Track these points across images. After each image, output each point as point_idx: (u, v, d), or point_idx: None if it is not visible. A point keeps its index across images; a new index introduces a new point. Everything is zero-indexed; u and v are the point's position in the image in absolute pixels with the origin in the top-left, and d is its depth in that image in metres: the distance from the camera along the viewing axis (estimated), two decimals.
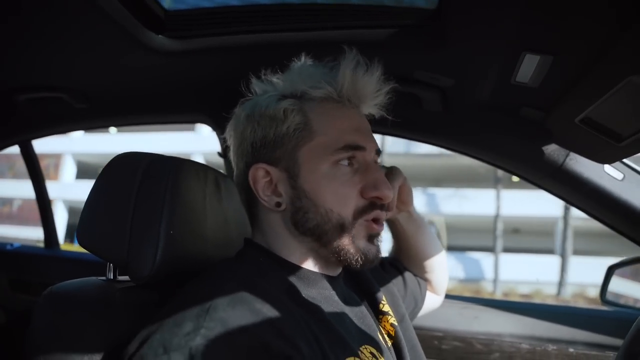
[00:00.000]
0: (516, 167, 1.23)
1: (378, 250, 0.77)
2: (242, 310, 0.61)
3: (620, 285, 1.51)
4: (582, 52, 0.77)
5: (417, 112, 1.16)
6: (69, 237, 15.41)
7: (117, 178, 0.78)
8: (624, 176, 1.08)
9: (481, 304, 1.46)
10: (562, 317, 1.40)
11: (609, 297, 1.50)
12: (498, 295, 12.85)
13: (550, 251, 14.80)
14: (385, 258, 1.11)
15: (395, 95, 0.81)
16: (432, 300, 1.15)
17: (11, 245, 2.06)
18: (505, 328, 1.40)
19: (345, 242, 0.74)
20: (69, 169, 17.70)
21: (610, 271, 1.51)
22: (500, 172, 13.59)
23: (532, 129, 1.07)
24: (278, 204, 0.75)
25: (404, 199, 1.00)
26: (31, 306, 0.71)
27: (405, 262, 1.10)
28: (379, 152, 0.80)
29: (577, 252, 14.32)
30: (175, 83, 1.26)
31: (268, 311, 0.62)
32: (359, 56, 0.75)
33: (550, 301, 11.92)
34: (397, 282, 1.03)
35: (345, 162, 0.75)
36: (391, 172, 0.97)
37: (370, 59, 0.75)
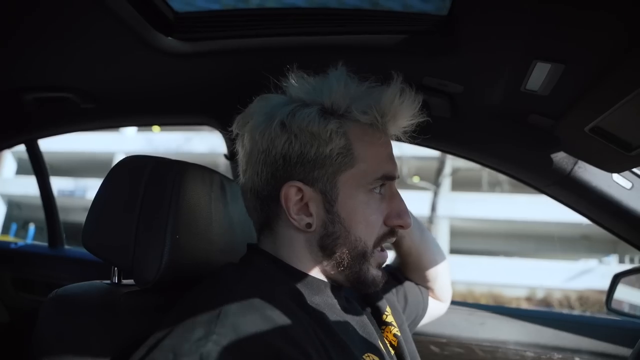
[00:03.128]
0: (523, 174, 1.22)
1: (385, 275, 0.79)
2: (253, 317, 0.60)
3: (627, 294, 1.50)
4: (594, 61, 0.76)
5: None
6: (5, 229, 15.40)
7: (122, 182, 0.78)
8: (633, 185, 1.08)
9: (487, 311, 1.46)
10: (567, 325, 1.39)
11: (614, 305, 1.48)
12: None
13: None
14: (386, 267, 1.10)
15: None
16: (437, 307, 1.14)
17: (15, 244, 2.06)
18: (510, 335, 1.39)
19: (364, 270, 0.75)
20: (9, 165, 17.93)
21: (616, 279, 1.49)
22: None
23: (541, 137, 1.06)
24: (309, 225, 0.73)
25: None
26: (34, 305, 0.71)
27: (407, 272, 1.09)
28: (398, 177, 0.81)
29: (454, 252, 14.44)
30: (183, 85, 1.26)
31: (279, 318, 0.62)
32: (404, 84, 0.73)
33: None
34: (397, 293, 1.02)
35: (378, 190, 0.75)
36: None
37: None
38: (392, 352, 0.83)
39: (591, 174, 1.08)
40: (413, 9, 0.90)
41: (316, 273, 0.76)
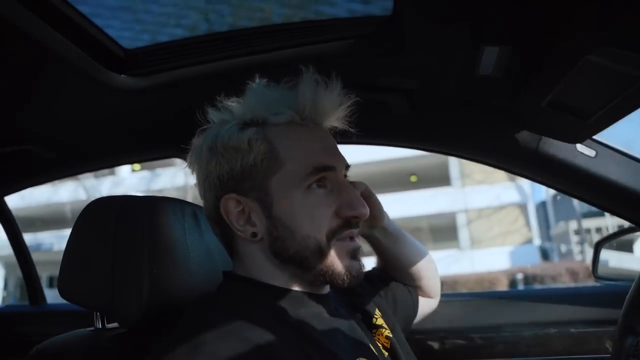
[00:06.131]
0: (491, 158, 1.24)
1: (361, 265, 0.77)
2: (231, 342, 0.60)
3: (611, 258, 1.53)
4: (537, 37, 0.78)
5: (386, 118, 1.17)
6: None
7: (92, 225, 0.77)
8: (597, 153, 1.10)
9: (480, 297, 1.47)
10: (559, 299, 1.40)
11: (600, 272, 1.51)
12: None
13: None
14: (372, 271, 1.09)
15: (362, 103, 0.81)
16: (427, 304, 1.14)
17: None
18: (506, 318, 1.40)
19: (328, 264, 0.72)
20: None
21: (598, 247, 1.52)
22: None
23: (502, 119, 1.08)
24: (254, 234, 0.73)
25: (374, 213, 0.96)
26: None
27: (391, 273, 1.08)
28: (347, 166, 0.80)
29: None
30: (143, 120, 1.25)
31: (257, 338, 0.62)
32: (317, 74, 0.73)
33: None
34: (385, 295, 1.02)
35: (318, 185, 0.73)
36: (354, 186, 0.92)
37: (330, 73, 0.74)
38: (386, 354, 0.83)
39: (556, 148, 1.11)
40: (357, 13, 0.91)
41: (295, 286, 0.76)
